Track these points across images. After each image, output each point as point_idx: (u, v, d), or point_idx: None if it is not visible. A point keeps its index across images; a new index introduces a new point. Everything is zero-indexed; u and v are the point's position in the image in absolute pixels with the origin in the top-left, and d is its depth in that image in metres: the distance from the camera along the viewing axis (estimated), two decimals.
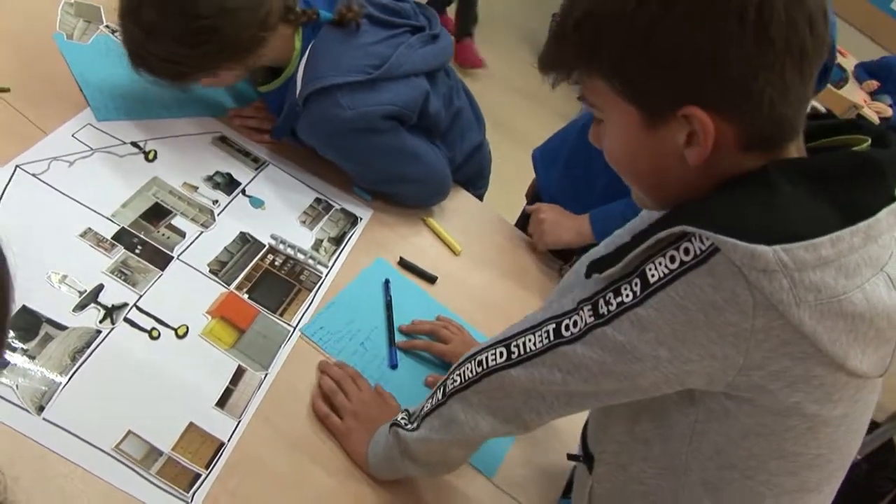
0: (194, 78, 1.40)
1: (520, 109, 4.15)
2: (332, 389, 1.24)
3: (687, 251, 0.77)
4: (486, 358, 0.99)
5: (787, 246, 0.73)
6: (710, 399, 0.85)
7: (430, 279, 1.55)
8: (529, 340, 0.94)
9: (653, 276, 0.80)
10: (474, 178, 1.84)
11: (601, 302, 0.85)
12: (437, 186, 1.66)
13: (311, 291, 1.39)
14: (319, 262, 1.45)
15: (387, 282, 1.47)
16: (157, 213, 1.35)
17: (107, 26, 1.65)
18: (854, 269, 0.76)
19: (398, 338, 1.39)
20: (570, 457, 1.24)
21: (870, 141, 0.85)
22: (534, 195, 1.96)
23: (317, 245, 1.48)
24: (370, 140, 1.48)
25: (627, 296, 0.82)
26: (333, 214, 1.56)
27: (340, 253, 1.49)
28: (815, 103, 0.94)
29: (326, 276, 1.43)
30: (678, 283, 0.78)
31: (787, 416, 0.82)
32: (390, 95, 1.45)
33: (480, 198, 1.89)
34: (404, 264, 1.55)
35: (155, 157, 1.44)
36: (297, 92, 1.43)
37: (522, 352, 0.94)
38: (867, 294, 0.77)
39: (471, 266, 1.64)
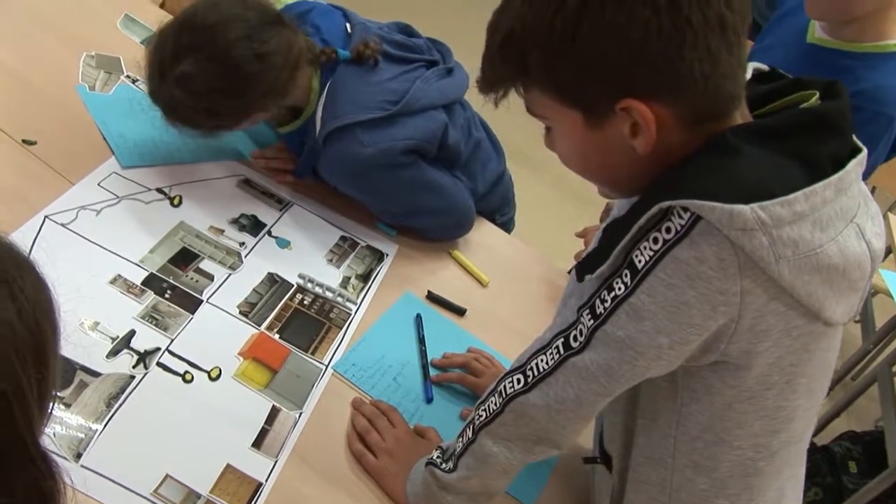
0: (232, 127, 1.41)
1: (536, 136, 4.16)
2: (365, 428, 1.22)
3: (668, 230, 0.79)
4: (505, 387, 1.00)
5: (764, 203, 0.75)
6: (692, 378, 0.88)
7: (459, 311, 1.54)
8: (542, 361, 0.95)
9: (640, 261, 0.81)
10: (500, 207, 1.84)
11: (597, 302, 0.86)
12: (460, 218, 1.65)
13: (341, 329, 1.38)
14: (348, 300, 1.44)
15: (418, 316, 1.46)
16: (184, 258, 1.36)
17: (127, 76, 1.67)
18: (828, 221, 0.78)
19: (431, 372, 1.38)
20: (587, 460, 1.23)
21: (818, 94, 0.87)
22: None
23: (344, 282, 1.47)
24: (391, 175, 1.48)
25: (620, 288, 0.83)
26: (359, 251, 1.55)
27: (368, 289, 1.49)
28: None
29: (356, 312, 1.42)
30: (664, 262, 0.79)
31: (768, 375, 0.84)
32: (409, 130, 1.46)
33: (507, 223, 1.88)
34: (433, 298, 1.54)
35: (180, 202, 1.45)
36: (317, 131, 1.44)
37: (536, 373, 0.95)
38: (840, 246, 0.80)
39: (499, 297, 1.63)
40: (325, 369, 1.30)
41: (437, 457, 1.11)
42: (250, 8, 1.34)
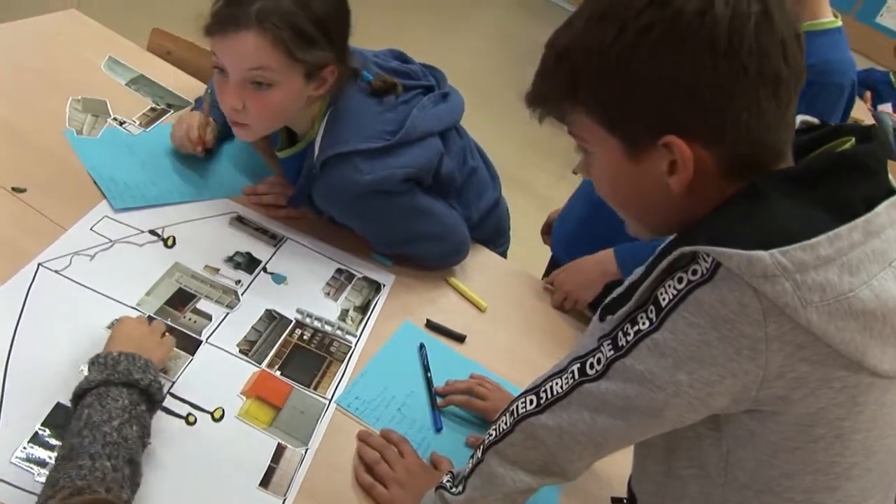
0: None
1: (535, 163, 4.19)
2: (374, 459, 1.21)
3: (695, 272, 0.78)
4: (517, 407, 0.99)
5: (784, 248, 0.73)
6: (733, 424, 0.85)
7: (459, 338, 1.53)
8: (556, 384, 0.93)
9: (664, 299, 0.80)
10: (494, 236, 1.84)
11: (619, 334, 0.85)
12: (456, 245, 1.65)
13: (342, 362, 1.37)
14: (348, 332, 1.43)
15: (422, 345, 1.46)
16: (181, 299, 1.35)
17: (114, 119, 1.66)
18: (858, 265, 0.75)
19: (437, 400, 1.37)
20: (614, 500, 1.22)
21: (853, 140, 0.86)
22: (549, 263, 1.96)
23: (343, 315, 1.46)
24: (388, 202, 1.48)
25: (644, 323, 0.83)
26: (356, 283, 1.55)
27: (367, 321, 1.48)
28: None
29: (356, 345, 1.41)
30: (687, 301, 0.78)
31: (812, 426, 0.81)
32: (408, 159, 1.46)
33: (503, 255, 1.88)
34: (432, 326, 1.53)
35: (174, 243, 1.44)
36: (315, 156, 1.44)
37: (550, 395, 0.94)
38: (876, 290, 0.76)
39: (498, 322, 1.62)
40: (329, 404, 1.29)
41: (448, 481, 1.09)
42: None
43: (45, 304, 1.23)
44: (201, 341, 1.29)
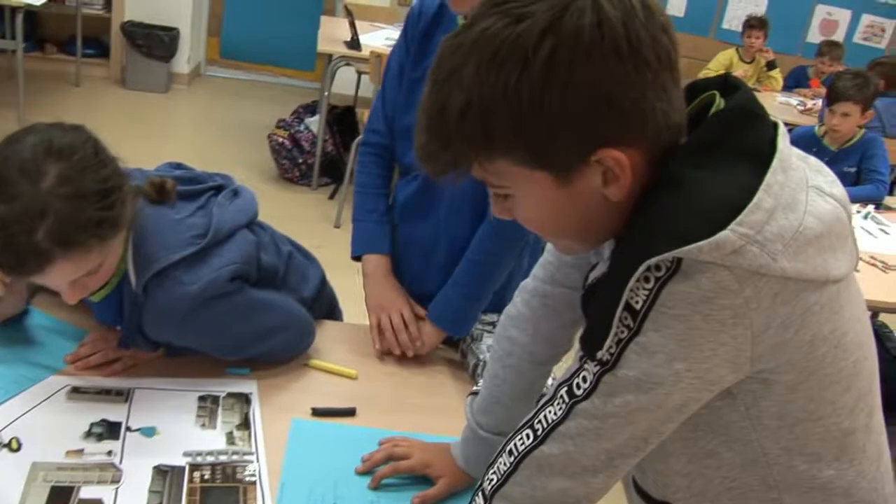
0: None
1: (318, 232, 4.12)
2: None
3: (658, 268, 0.79)
4: (516, 444, 0.96)
5: (739, 218, 0.76)
6: (744, 382, 0.86)
7: (350, 413, 1.50)
8: (550, 412, 0.91)
9: (637, 302, 0.80)
10: (329, 311, 1.83)
11: (600, 351, 0.85)
12: (302, 328, 1.61)
13: (255, 485, 1.29)
14: (245, 454, 1.35)
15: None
16: (60, 496, 1.20)
17: None
18: (792, 200, 0.80)
19: (366, 481, 1.33)
20: None
21: (718, 94, 0.88)
22: None
23: (230, 439, 1.38)
24: (222, 306, 1.42)
25: (623, 331, 0.82)
26: (225, 403, 1.46)
27: (255, 434, 1.40)
28: None
29: (259, 461, 1.34)
30: (662, 297, 0.79)
31: (814, 349, 0.84)
32: (227, 256, 1.42)
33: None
34: (318, 412, 1.48)
35: (19, 444, 1.28)
36: (134, 284, 1.35)
37: (546, 424, 0.91)
38: (814, 213, 0.81)
39: (375, 382, 1.61)
40: None
41: None
42: None
43: None
44: None
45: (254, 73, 7.12)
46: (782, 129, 0.85)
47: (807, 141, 3.99)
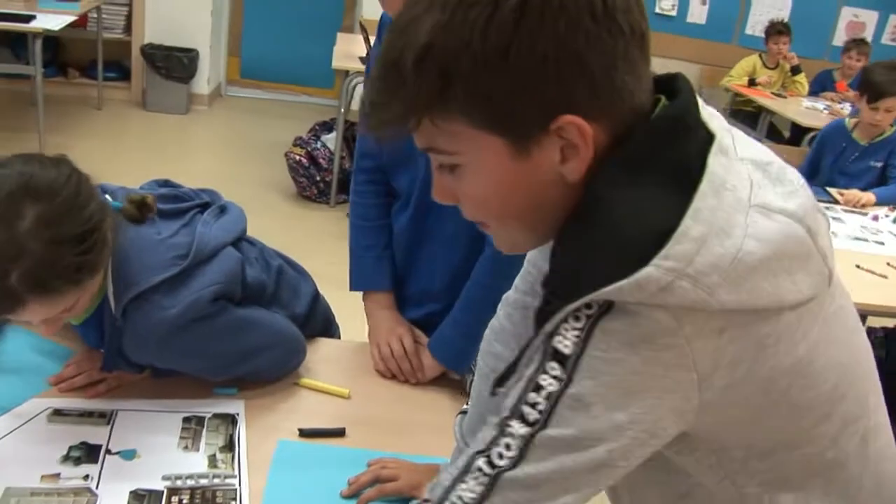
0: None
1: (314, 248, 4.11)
2: None
3: (588, 306, 0.72)
4: None
5: (663, 252, 0.68)
6: (698, 430, 0.78)
7: (339, 433, 1.45)
8: (465, 490, 0.77)
9: (565, 346, 0.72)
10: (325, 328, 1.78)
11: (525, 408, 0.74)
12: (291, 346, 1.57)
13: None
14: (226, 477, 1.30)
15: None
16: None
17: None
18: (727, 225, 0.71)
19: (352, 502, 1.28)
20: None
21: (663, 98, 0.80)
22: None
23: (212, 462, 1.34)
24: (204, 328, 1.38)
25: (551, 384, 0.73)
26: (210, 424, 1.42)
27: (239, 456, 1.36)
28: None
29: (241, 484, 1.29)
30: (595, 338, 0.71)
31: (773, 383, 0.76)
32: (210, 276, 1.37)
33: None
34: (306, 433, 1.43)
35: None
36: (113, 307, 1.32)
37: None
38: (755, 236, 0.72)
39: (367, 401, 1.56)
40: None
41: None
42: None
43: None
44: None
45: (274, 92, 7.15)
46: (719, 145, 0.76)
47: (837, 135, 3.93)
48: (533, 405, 0.74)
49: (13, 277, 1.12)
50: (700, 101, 0.80)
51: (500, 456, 0.75)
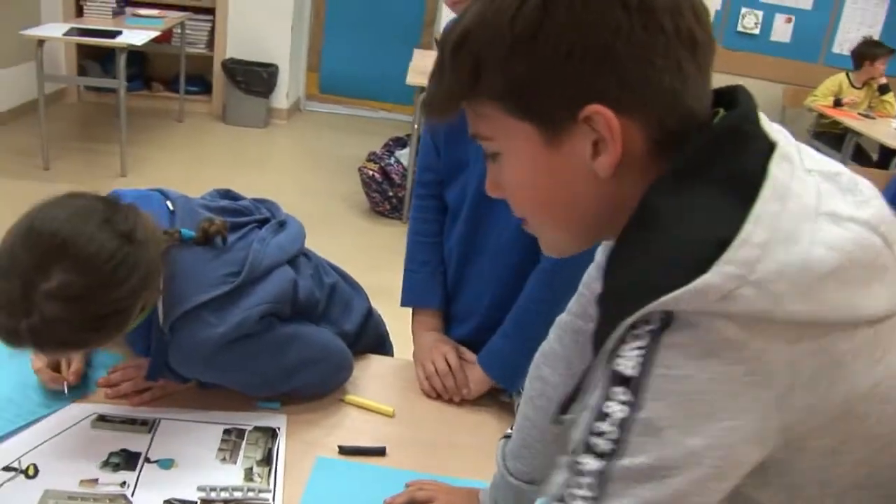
0: (121, 329, 1.24)
1: (384, 265, 4.13)
2: None
3: (647, 321, 0.67)
4: None
5: (723, 258, 0.64)
6: (773, 457, 0.72)
7: (380, 452, 1.42)
8: None
9: (629, 368, 0.68)
10: (377, 345, 1.76)
11: (593, 439, 0.69)
12: (337, 362, 1.55)
13: None
14: (261, 491, 1.29)
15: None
16: None
17: None
18: (794, 231, 0.67)
19: None
20: None
21: (721, 110, 0.77)
22: None
23: (248, 475, 1.32)
24: (250, 346, 1.37)
25: (618, 410, 0.68)
26: (250, 437, 1.41)
27: (276, 471, 1.34)
28: None
29: (275, 499, 1.27)
30: (659, 354, 0.66)
31: (850, 407, 0.70)
32: (260, 295, 1.36)
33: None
34: (346, 451, 1.41)
35: (36, 471, 1.26)
36: (161, 320, 1.31)
37: None
38: (823, 242, 0.67)
39: (411, 421, 1.53)
40: None
41: None
42: (88, 198, 1.21)
43: None
44: None
45: (353, 108, 7.24)
46: (781, 151, 0.72)
47: None
48: (601, 434, 0.69)
49: (22, 325, 1.11)
50: (762, 115, 0.77)
51: (573, 496, 0.70)
